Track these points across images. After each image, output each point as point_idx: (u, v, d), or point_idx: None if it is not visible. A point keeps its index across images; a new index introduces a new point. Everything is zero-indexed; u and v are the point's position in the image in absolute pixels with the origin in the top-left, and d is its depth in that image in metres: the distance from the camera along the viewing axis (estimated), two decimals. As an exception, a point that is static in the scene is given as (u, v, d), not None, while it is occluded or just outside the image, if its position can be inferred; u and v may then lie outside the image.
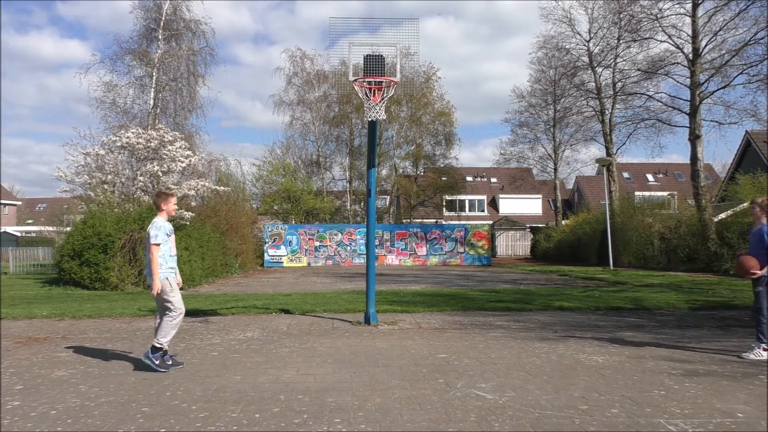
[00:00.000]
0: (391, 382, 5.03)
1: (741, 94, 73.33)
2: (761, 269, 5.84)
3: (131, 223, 14.74)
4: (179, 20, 26.54)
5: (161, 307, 5.62)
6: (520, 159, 37.93)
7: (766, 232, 5.89)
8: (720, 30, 20.72)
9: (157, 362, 5.44)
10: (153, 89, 25.42)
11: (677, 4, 21.57)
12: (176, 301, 5.56)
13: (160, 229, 5.51)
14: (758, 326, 5.94)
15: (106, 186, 16.79)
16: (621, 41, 26.22)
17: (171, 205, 5.74)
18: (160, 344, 5.48)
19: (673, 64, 23.17)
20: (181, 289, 5.70)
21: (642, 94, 25.81)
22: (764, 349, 5.86)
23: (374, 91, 7.81)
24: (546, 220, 46.69)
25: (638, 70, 25.55)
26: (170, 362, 5.58)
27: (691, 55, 21.41)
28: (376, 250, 19.70)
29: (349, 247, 28.41)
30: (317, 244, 28.24)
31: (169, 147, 17.20)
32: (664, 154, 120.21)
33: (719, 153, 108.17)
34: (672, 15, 21.89)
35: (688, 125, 21.76)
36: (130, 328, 8.14)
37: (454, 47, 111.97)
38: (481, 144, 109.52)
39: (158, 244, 5.47)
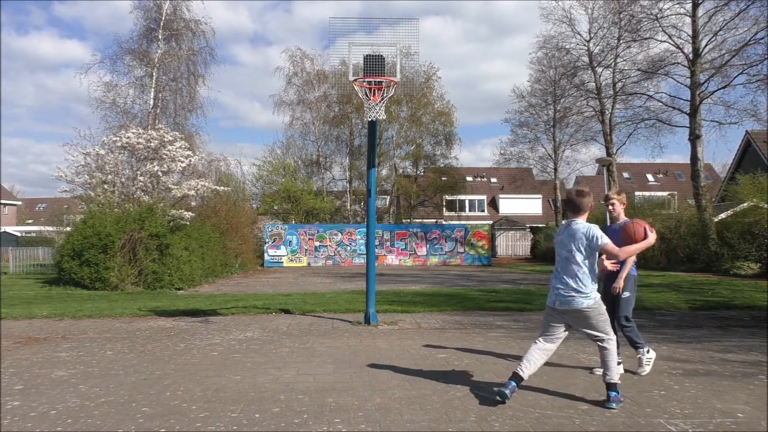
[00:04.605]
0: (391, 382, 5.03)
1: (741, 94, 73.43)
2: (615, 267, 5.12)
3: (131, 223, 14.74)
4: (179, 20, 26.57)
5: (594, 331, 4.38)
6: (520, 159, 37.92)
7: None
8: (720, 30, 20.74)
9: (621, 399, 4.34)
10: (153, 89, 25.43)
11: (677, 4, 21.59)
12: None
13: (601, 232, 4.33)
14: (629, 332, 5.28)
15: (106, 186, 16.78)
16: (621, 41, 26.20)
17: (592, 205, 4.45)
18: (614, 380, 4.35)
19: (673, 64, 23.18)
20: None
21: (642, 94, 25.80)
22: (647, 351, 5.32)
23: (374, 91, 7.80)
24: (546, 220, 46.66)
25: (638, 70, 25.55)
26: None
27: (691, 55, 21.41)
28: (376, 250, 19.69)
29: (349, 247, 28.39)
30: (317, 244, 28.23)
31: (169, 147, 17.19)
32: (664, 154, 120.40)
33: (719, 153, 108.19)
34: (672, 15, 21.91)
35: (688, 125, 21.76)
36: (130, 328, 8.14)
37: (452, 47, 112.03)
38: (480, 144, 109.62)
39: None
